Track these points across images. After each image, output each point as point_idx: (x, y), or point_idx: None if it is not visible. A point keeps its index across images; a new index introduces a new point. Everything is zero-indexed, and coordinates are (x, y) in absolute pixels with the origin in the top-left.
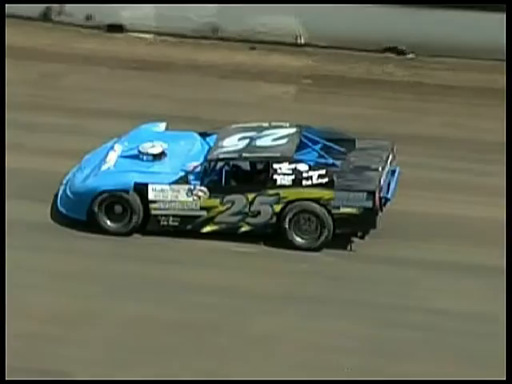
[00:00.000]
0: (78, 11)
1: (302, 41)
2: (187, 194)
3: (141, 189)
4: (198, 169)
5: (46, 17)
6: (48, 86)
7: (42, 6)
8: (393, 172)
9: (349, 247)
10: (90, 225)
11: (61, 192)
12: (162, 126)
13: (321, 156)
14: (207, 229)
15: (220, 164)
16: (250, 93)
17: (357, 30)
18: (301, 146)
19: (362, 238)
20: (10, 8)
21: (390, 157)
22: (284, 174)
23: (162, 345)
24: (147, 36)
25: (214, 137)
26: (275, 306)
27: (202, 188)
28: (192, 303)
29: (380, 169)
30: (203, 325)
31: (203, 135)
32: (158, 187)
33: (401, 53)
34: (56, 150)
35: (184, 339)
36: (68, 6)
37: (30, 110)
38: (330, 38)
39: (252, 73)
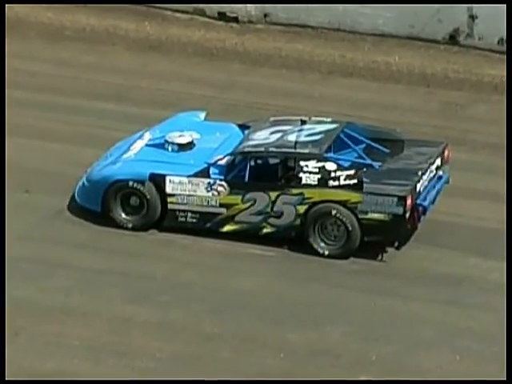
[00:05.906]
0: (490, 34)
1: None
2: (206, 189)
3: (158, 180)
4: (223, 162)
5: (453, 39)
6: (451, 116)
7: (449, 29)
8: (439, 178)
9: (379, 257)
10: (104, 217)
11: (81, 180)
12: (202, 115)
13: (360, 156)
14: (227, 228)
15: (245, 158)
16: None
17: None
18: (339, 144)
19: (397, 248)
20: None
21: (437, 160)
22: (310, 173)
23: None
24: None
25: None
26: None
27: (223, 183)
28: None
29: (419, 173)
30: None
31: (242, 127)
32: (176, 179)
33: None
34: None
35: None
36: (478, 29)
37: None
38: None
39: None
